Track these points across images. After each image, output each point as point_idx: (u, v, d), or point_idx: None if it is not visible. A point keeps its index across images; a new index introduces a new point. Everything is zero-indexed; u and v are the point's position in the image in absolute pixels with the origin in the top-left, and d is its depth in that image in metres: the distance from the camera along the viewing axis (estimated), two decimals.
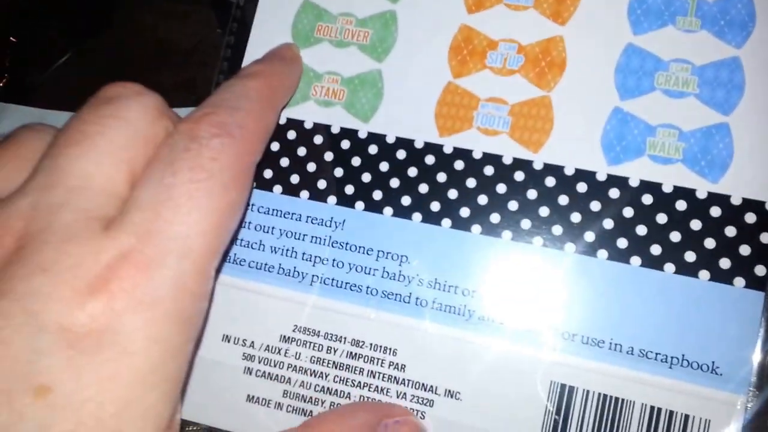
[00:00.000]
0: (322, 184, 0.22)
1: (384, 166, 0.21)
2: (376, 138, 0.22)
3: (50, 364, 0.12)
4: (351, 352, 0.20)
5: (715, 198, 0.19)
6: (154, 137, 0.15)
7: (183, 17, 0.34)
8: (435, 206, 0.21)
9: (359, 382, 0.20)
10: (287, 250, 0.21)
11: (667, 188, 0.19)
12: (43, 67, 0.34)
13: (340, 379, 0.20)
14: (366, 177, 0.21)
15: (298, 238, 0.21)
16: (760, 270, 0.18)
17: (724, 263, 0.19)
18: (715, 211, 0.19)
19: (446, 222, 0.21)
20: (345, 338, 0.21)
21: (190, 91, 0.32)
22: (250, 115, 0.16)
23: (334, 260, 0.21)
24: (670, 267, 0.19)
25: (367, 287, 0.21)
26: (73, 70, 0.34)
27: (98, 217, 0.14)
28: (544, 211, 0.20)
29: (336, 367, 0.20)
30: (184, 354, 0.14)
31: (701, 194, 0.19)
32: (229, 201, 0.15)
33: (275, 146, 0.22)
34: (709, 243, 0.19)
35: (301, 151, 0.22)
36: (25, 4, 0.35)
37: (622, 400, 0.18)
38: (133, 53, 0.34)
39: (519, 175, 0.20)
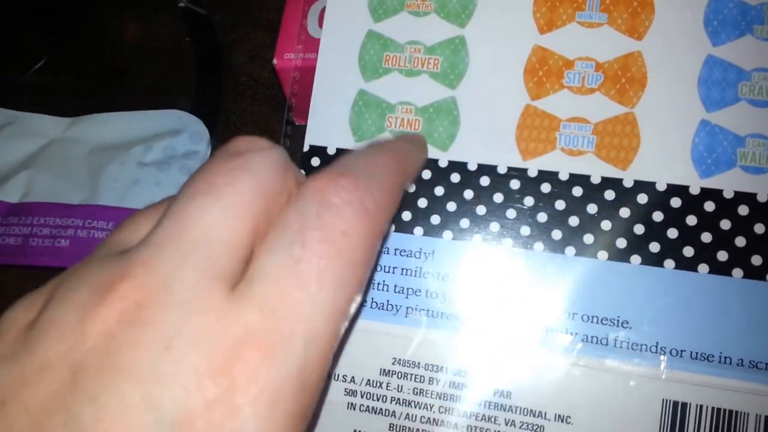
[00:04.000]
0: (407, 216, 0.22)
1: (468, 194, 0.21)
2: (457, 166, 0.22)
3: None
4: (453, 382, 0.21)
5: None
6: (280, 193, 0.15)
7: (156, 23, 0.34)
8: (525, 231, 0.21)
9: (465, 412, 0.20)
10: (378, 284, 0.21)
11: (762, 198, 0.19)
12: (21, 70, 0.35)
13: (445, 410, 0.21)
14: (451, 206, 0.21)
15: (388, 272, 0.21)
16: None
17: None
18: None
19: (539, 246, 0.21)
20: (446, 368, 0.21)
21: (162, 94, 0.33)
22: (384, 188, 0.15)
23: (427, 291, 0.21)
24: None
25: (465, 317, 0.21)
26: (49, 75, 0.35)
27: (220, 277, 0.13)
28: (639, 229, 0.20)
29: (440, 398, 0.21)
30: None
31: None
32: (356, 282, 0.14)
33: None
34: None
35: None
36: (4, 6, 0.36)
37: (737, 412, 0.19)
38: (107, 57, 0.35)
39: (609, 194, 0.20)
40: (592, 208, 0.20)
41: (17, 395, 0.12)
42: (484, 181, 0.21)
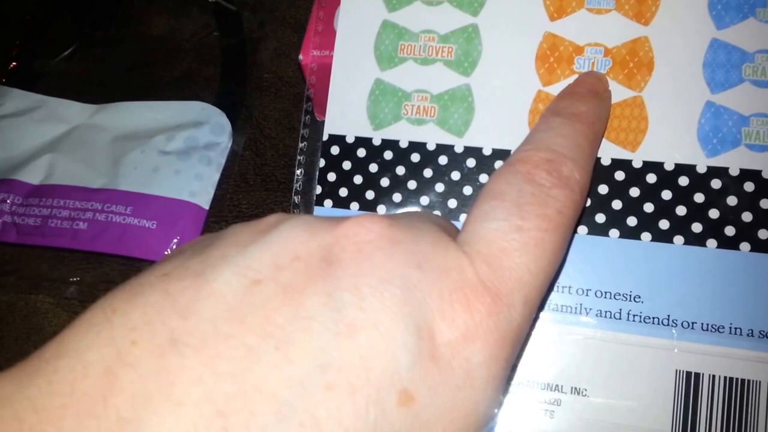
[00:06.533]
0: (425, 200, 0.22)
1: (484, 178, 0.22)
2: (472, 151, 0.22)
3: (413, 372, 0.12)
4: None
5: None
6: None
7: (184, 17, 0.35)
8: None
9: None
10: None
11: (767, 174, 0.20)
12: (50, 56, 0.36)
13: None
14: (467, 190, 0.22)
15: None
16: None
17: None
18: None
19: None
20: None
21: (187, 86, 0.34)
22: (583, 167, 0.16)
23: None
24: None
25: None
26: (77, 62, 0.35)
27: (447, 234, 0.15)
28: (648, 208, 0.21)
29: None
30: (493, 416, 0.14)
31: None
32: (561, 256, 0.15)
33: (374, 168, 0.23)
34: None
35: (400, 170, 0.23)
36: None
37: (749, 381, 0.19)
38: (135, 48, 0.35)
39: (620, 175, 0.21)
40: (603, 189, 0.21)
41: (272, 275, 0.13)
42: (499, 165, 0.22)
